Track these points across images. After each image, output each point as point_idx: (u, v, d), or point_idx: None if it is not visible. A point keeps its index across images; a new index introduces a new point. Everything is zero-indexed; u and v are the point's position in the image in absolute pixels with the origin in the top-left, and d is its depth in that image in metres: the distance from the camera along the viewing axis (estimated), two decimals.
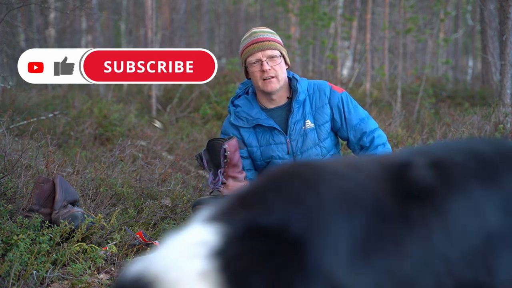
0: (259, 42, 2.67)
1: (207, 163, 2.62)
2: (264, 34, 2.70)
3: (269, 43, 2.67)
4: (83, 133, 5.66)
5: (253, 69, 2.67)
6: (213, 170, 2.62)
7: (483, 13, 7.56)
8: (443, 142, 1.62)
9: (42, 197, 2.68)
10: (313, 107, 2.74)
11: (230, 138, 2.61)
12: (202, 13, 15.38)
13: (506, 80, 4.69)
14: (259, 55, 2.65)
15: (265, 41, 2.67)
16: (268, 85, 2.67)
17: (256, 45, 2.66)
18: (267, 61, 2.64)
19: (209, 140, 2.60)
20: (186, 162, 4.90)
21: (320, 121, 2.73)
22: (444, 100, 9.22)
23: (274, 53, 2.66)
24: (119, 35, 19.12)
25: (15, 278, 2.07)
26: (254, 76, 2.68)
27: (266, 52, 2.65)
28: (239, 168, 2.65)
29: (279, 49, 2.68)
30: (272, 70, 2.65)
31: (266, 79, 2.66)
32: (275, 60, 2.66)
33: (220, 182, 2.60)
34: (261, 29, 2.74)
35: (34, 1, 5.44)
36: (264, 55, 2.65)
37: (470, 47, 20.11)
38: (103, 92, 8.83)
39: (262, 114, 2.75)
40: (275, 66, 2.66)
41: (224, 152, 2.56)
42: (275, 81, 2.67)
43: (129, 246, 2.57)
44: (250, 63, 2.68)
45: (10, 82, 5.61)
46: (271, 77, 2.65)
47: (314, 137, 2.71)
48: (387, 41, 10.10)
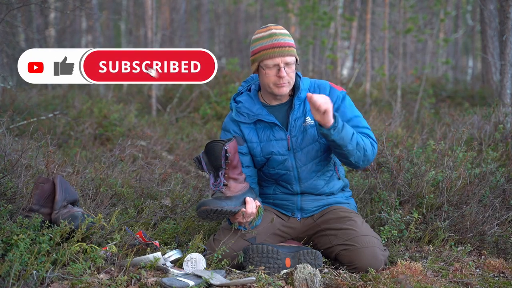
0: (281, 47, 2.64)
1: (206, 165, 2.62)
2: (284, 39, 2.67)
3: (289, 49, 2.65)
4: (83, 133, 5.66)
5: (269, 72, 2.66)
6: (212, 172, 2.62)
7: (483, 13, 7.55)
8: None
9: (42, 197, 2.68)
10: None
11: (229, 140, 2.61)
12: (202, 13, 15.38)
13: (506, 80, 4.69)
14: (278, 61, 2.63)
15: (285, 47, 2.65)
16: (280, 89, 2.68)
17: (278, 49, 2.64)
18: (284, 67, 2.64)
19: (207, 143, 2.60)
20: (186, 162, 4.90)
21: None
22: (444, 100, 9.22)
23: (291, 60, 2.65)
24: (119, 35, 19.11)
25: (15, 278, 2.07)
26: (268, 78, 2.68)
27: (285, 59, 2.64)
28: (239, 169, 2.65)
29: (295, 55, 2.68)
30: (287, 76, 2.65)
31: (279, 84, 2.66)
32: (291, 67, 2.66)
33: (222, 184, 2.60)
34: (280, 31, 2.69)
35: (34, 1, 5.44)
36: (283, 61, 2.63)
37: (470, 47, 20.11)
38: (103, 92, 8.83)
39: (263, 110, 2.76)
40: (290, 73, 2.67)
41: (226, 153, 2.56)
42: (287, 86, 2.69)
43: (129, 246, 2.57)
44: (266, 66, 2.66)
45: (10, 82, 5.60)
46: (285, 83, 2.67)
47: (314, 133, 2.73)
48: (387, 41, 10.10)
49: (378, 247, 2.60)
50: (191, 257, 2.49)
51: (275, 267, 2.56)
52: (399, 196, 3.21)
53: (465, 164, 3.31)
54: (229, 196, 2.57)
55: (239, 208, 2.58)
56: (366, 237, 2.60)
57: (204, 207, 2.51)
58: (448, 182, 3.16)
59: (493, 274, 2.63)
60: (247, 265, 2.57)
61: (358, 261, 2.56)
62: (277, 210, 2.85)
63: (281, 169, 2.76)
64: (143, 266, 2.42)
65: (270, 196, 2.86)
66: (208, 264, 2.56)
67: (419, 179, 3.20)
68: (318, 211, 2.82)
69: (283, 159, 2.75)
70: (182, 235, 2.99)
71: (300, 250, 2.61)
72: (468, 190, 3.18)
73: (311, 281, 2.34)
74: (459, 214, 3.06)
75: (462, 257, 2.79)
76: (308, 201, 2.81)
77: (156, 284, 2.27)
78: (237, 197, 2.59)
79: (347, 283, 2.40)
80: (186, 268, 2.47)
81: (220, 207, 2.51)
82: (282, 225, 2.81)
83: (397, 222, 2.94)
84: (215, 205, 2.50)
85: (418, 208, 3.13)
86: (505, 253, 2.91)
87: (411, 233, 2.94)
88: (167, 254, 2.53)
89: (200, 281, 2.31)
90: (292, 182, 2.78)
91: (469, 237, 2.99)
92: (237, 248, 2.64)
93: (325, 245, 2.72)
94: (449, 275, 2.57)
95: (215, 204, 2.51)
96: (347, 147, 2.60)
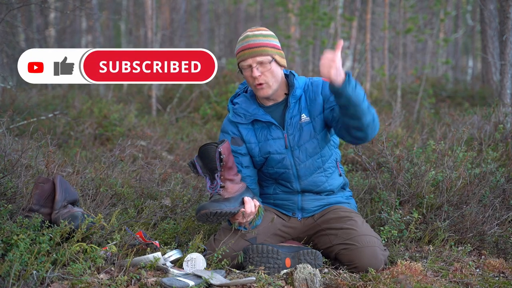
0: (250, 48, 2.68)
1: (201, 169, 2.63)
2: (256, 39, 2.70)
3: (259, 49, 2.67)
4: (83, 133, 5.66)
5: (246, 74, 2.72)
6: (208, 175, 2.63)
7: (483, 13, 7.56)
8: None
9: (42, 197, 2.68)
10: (307, 101, 2.78)
11: (222, 142, 2.63)
12: (202, 13, 15.38)
13: (506, 80, 4.69)
14: (250, 61, 2.67)
15: (255, 47, 2.68)
16: (260, 91, 2.71)
17: (247, 51, 2.68)
18: (257, 67, 2.67)
19: (200, 147, 2.61)
20: (186, 162, 4.90)
21: (314, 113, 2.76)
22: (444, 100, 9.23)
23: (263, 59, 2.67)
24: (119, 35, 19.12)
25: (15, 278, 2.07)
26: (247, 80, 2.74)
27: (256, 59, 2.67)
28: (235, 170, 2.66)
29: (270, 54, 2.68)
30: (262, 76, 2.67)
31: (257, 85, 2.69)
32: (265, 66, 2.68)
33: (219, 186, 2.61)
34: (254, 32, 2.73)
35: (34, 1, 5.44)
36: (254, 61, 2.67)
37: (470, 47, 20.11)
38: (103, 92, 8.83)
39: (259, 110, 2.78)
40: (265, 72, 2.68)
41: (220, 155, 2.57)
42: (266, 87, 2.70)
43: (129, 246, 2.57)
44: (242, 68, 2.72)
45: (10, 82, 5.60)
46: (261, 83, 2.69)
47: (310, 129, 2.74)
48: (387, 41, 10.10)
49: (378, 247, 2.60)
50: (191, 257, 2.49)
51: (275, 267, 2.56)
52: (399, 196, 3.21)
53: (465, 164, 3.31)
54: (227, 198, 2.58)
55: (239, 209, 2.58)
56: (366, 237, 2.61)
57: (204, 211, 2.51)
58: (448, 182, 3.16)
59: (493, 274, 2.63)
60: (247, 265, 2.57)
61: (358, 260, 2.56)
62: (277, 210, 2.86)
63: (280, 168, 2.77)
64: (143, 266, 2.42)
65: (271, 196, 2.86)
66: (208, 264, 2.56)
67: (419, 179, 3.20)
68: (318, 211, 2.82)
69: (281, 158, 2.75)
70: (182, 235, 2.99)
71: (300, 250, 2.61)
72: (468, 190, 3.18)
73: (311, 281, 2.34)
74: (459, 214, 3.06)
75: (462, 257, 2.79)
76: (308, 200, 2.81)
77: (156, 284, 2.27)
78: (235, 198, 2.60)
79: (347, 283, 2.40)
80: (186, 268, 2.47)
81: (219, 209, 2.51)
82: (282, 225, 2.81)
83: (397, 222, 2.94)
84: (214, 208, 2.51)
85: (418, 208, 3.13)
86: (505, 253, 2.91)
87: (411, 233, 2.94)
88: (167, 254, 2.53)
89: (200, 281, 2.31)
90: (291, 180, 2.79)
91: (469, 237, 2.99)
92: (237, 248, 2.64)
93: (325, 245, 2.72)
94: (449, 275, 2.57)
95: (214, 207, 2.51)
96: (361, 106, 2.47)
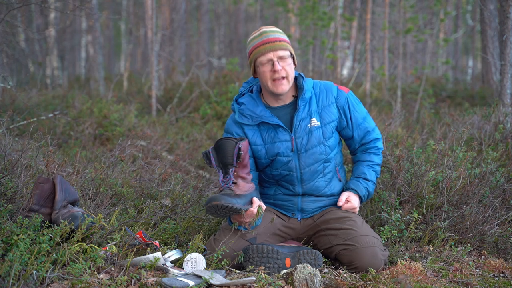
0: (271, 42, 2.66)
1: (214, 161, 2.62)
2: (275, 34, 2.70)
3: (280, 43, 2.67)
4: (83, 133, 5.66)
5: (264, 69, 2.68)
6: (222, 169, 2.62)
7: (483, 13, 7.55)
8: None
9: (42, 197, 2.68)
10: (319, 106, 2.76)
11: (242, 139, 2.62)
12: (202, 13, 15.38)
13: (506, 80, 4.69)
14: (271, 55, 2.66)
15: (276, 41, 2.67)
16: (278, 87, 2.68)
17: (268, 45, 2.66)
18: (278, 61, 2.65)
19: (218, 139, 2.60)
20: (186, 162, 4.90)
21: (326, 120, 2.75)
22: (444, 100, 9.22)
23: (285, 54, 2.67)
24: (119, 35, 19.11)
25: (15, 278, 2.07)
26: (264, 76, 2.69)
27: (278, 53, 2.66)
28: (248, 169, 2.65)
29: (289, 49, 2.69)
30: (283, 70, 2.67)
31: (277, 80, 2.67)
32: (286, 60, 2.67)
33: (231, 182, 2.60)
34: (270, 29, 2.73)
35: (34, 1, 5.44)
36: (276, 55, 2.66)
37: (470, 47, 20.11)
38: (103, 92, 8.83)
39: (266, 111, 2.76)
40: (286, 67, 2.67)
41: (239, 151, 2.56)
42: (285, 82, 2.69)
43: (129, 246, 2.57)
44: (261, 63, 2.68)
45: (10, 82, 5.60)
46: (282, 78, 2.67)
47: (320, 135, 2.73)
48: (387, 41, 10.09)
49: (378, 247, 2.60)
50: (191, 257, 2.49)
51: (275, 267, 2.56)
52: (399, 196, 3.21)
53: (465, 164, 3.31)
54: (238, 194, 2.57)
55: (247, 208, 2.58)
56: (366, 237, 2.60)
57: (215, 202, 2.49)
58: (448, 182, 3.16)
59: (493, 274, 2.63)
60: (247, 265, 2.57)
61: (358, 260, 2.56)
62: (277, 210, 2.85)
63: (285, 170, 2.76)
64: (143, 266, 2.42)
65: (271, 197, 2.86)
66: (208, 264, 2.56)
67: (419, 179, 3.20)
68: (318, 211, 2.82)
69: (288, 160, 2.74)
70: (182, 235, 2.99)
71: (300, 250, 2.61)
72: (468, 190, 3.17)
73: (311, 281, 2.34)
74: (459, 214, 3.06)
75: (462, 257, 2.79)
76: (308, 202, 2.81)
77: (156, 284, 2.27)
78: (246, 196, 2.59)
79: (347, 283, 2.40)
80: (186, 268, 2.47)
81: (231, 204, 2.50)
82: (282, 226, 2.81)
83: (397, 222, 2.94)
84: (226, 201, 2.49)
85: (418, 208, 3.13)
86: (505, 253, 2.91)
87: (411, 233, 2.94)
88: (167, 254, 2.53)
89: (200, 281, 2.31)
90: (294, 183, 2.78)
91: (469, 237, 2.99)
92: (237, 248, 2.64)
93: (325, 245, 2.72)
94: (449, 275, 2.57)
95: (226, 200, 2.50)
96: (374, 185, 2.91)
